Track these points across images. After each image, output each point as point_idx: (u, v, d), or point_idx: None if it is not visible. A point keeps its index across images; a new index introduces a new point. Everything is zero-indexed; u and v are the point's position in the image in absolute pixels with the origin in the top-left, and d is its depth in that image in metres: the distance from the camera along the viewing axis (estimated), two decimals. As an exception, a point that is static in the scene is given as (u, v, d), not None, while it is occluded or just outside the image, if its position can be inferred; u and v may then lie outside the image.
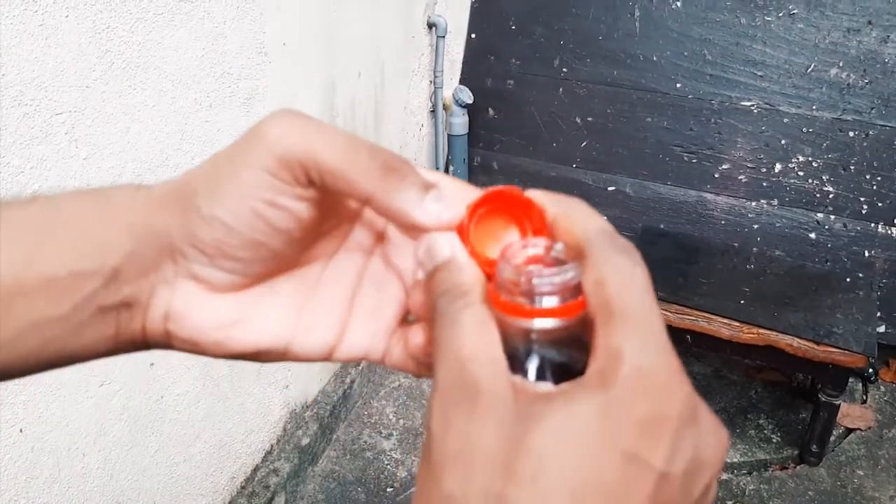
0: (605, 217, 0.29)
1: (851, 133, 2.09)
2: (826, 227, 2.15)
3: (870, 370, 2.17)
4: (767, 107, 2.16)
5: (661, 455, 0.22)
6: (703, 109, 2.22)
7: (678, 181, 2.27)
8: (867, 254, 2.12)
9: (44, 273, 0.27)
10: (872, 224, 2.11)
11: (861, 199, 2.11)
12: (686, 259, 2.06)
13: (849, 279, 2.00)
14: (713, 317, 1.82)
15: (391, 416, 2.02)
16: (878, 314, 1.99)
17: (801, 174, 2.15)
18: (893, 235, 2.10)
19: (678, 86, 2.23)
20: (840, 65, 2.09)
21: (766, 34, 2.14)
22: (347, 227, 0.32)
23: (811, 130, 2.13)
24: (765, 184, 2.19)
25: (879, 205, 2.10)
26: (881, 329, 2.09)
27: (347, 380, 1.99)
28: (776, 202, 2.19)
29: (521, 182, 2.35)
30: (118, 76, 1.09)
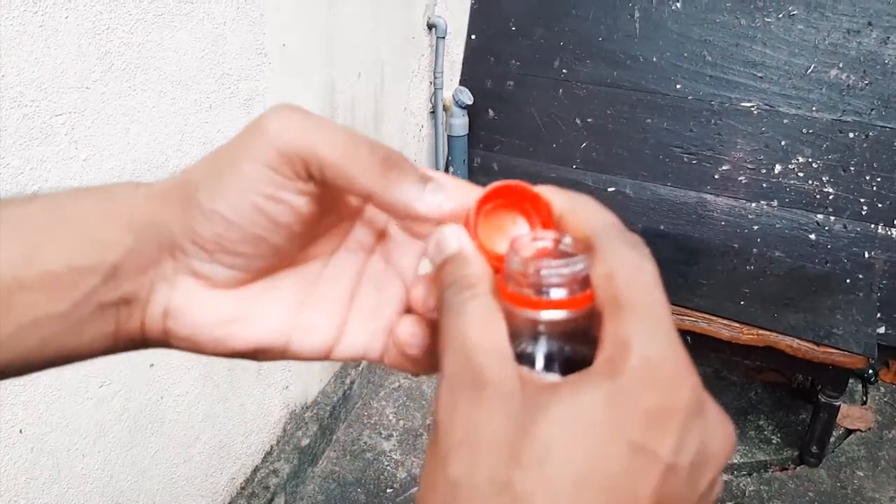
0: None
1: (851, 134, 2.10)
2: (826, 229, 2.15)
3: (870, 371, 2.17)
4: (767, 108, 2.16)
5: (669, 446, 0.22)
6: (703, 110, 2.22)
7: (678, 182, 2.27)
8: (867, 255, 2.12)
9: (44, 270, 0.27)
10: (872, 225, 2.11)
11: (861, 201, 2.11)
12: (686, 260, 2.06)
13: (849, 280, 2.00)
14: (713, 318, 1.82)
15: (391, 417, 2.02)
16: (878, 315, 2.00)
17: (801, 175, 2.15)
18: (893, 236, 2.10)
19: (678, 87, 2.23)
20: (840, 66, 2.09)
21: (766, 35, 2.14)
22: (348, 226, 0.32)
23: (811, 131, 2.13)
24: (765, 185, 2.19)
25: (879, 206, 2.10)
26: (881, 330, 2.09)
27: (347, 381, 1.99)
28: (776, 203, 2.19)
29: (521, 183, 2.35)
30: (118, 77, 1.09)
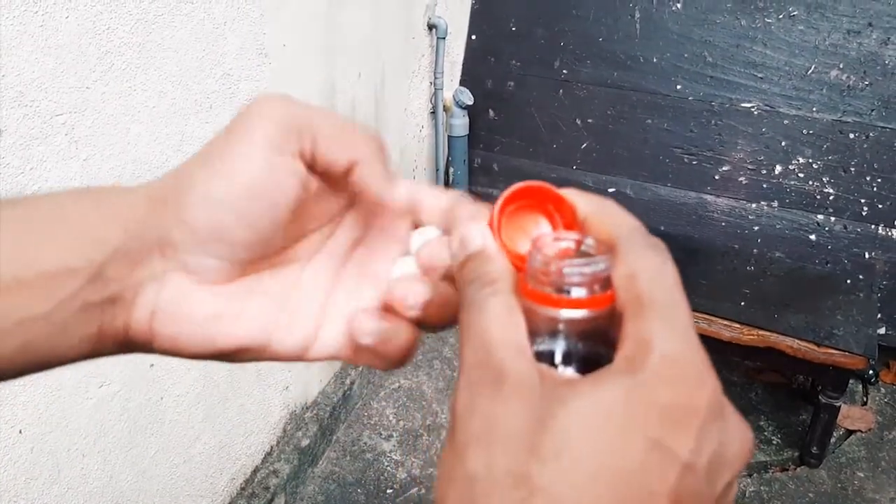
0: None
1: (852, 135, 2.09)
2: (826, 229, 2.15)
3: (870, 372, 2.17)
4: (768, 108, 2.15)
5: (687, 445, 0.22)
6: (704, 111, 2.22)
7: (678, 183, 2.27)
8: (867, 255, 2.12)
9: (36, 270, 0.27)
10: (873, 226, 2.11)
11: (861, 201, 2.11)
12: (686, 261, 2.06)
13: (849, 281, 2.00)
14: (713, 318, 1.82)
15: (391, 418, 2.02)
16: (879, 316, 1.99)
17: (802, 176, 2.15)
18: (894, 237, 2.10)
19: (678, 87, 2.23)
20: (840, 66, 2.09)
21: (767, 36, 2.14)
22: (329, 231, 0.34)
23: (811, 132, 2.13)
24: (765, 185, 2.19)
25: (880, 206, 2.10)
26: (881, 331, 2.09)
27: (347, 381, 1.99)
28: (776, 204, 2.19)
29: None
30: (118, 77, 1.09)
